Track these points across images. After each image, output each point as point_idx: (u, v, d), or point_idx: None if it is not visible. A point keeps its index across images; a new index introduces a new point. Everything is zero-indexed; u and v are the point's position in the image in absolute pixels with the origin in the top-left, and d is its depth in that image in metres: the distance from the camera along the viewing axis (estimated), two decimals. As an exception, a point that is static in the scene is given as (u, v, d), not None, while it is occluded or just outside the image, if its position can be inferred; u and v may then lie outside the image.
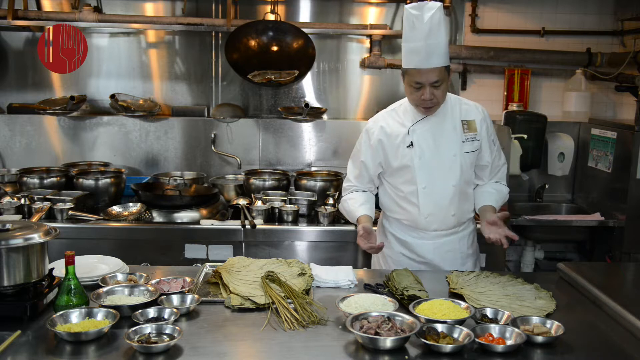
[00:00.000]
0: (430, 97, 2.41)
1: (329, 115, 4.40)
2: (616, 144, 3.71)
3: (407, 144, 2.54)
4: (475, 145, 2.58)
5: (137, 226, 3.38)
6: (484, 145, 2.61)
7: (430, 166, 2.54)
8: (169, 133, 4.31)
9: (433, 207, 2.57)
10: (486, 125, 2.61)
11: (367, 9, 4.33)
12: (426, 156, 2.54)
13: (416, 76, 2.39)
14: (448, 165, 2.55)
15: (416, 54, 2.37)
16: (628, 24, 4.20)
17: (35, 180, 3.71)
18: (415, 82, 2.40)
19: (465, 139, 2.56)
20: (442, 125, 2.56)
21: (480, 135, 2.59)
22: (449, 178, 2.56)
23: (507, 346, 1.76)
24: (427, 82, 2.38)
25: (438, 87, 2.41)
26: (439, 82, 2.39)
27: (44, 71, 4.27)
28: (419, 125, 2.55)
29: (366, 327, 1.82)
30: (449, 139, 2.55)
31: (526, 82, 4.31)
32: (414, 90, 2.43)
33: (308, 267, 2.38)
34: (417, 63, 2.37)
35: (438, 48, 2.36)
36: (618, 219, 3.67)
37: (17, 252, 1.93)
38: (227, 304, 2.09)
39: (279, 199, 3.61)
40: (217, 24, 4.13)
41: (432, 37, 2.34)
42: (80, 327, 1.80)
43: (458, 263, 2.69)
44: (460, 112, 2.59)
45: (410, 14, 2.37)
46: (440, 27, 2.36)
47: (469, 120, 2.58)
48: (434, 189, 2.56)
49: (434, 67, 2.36)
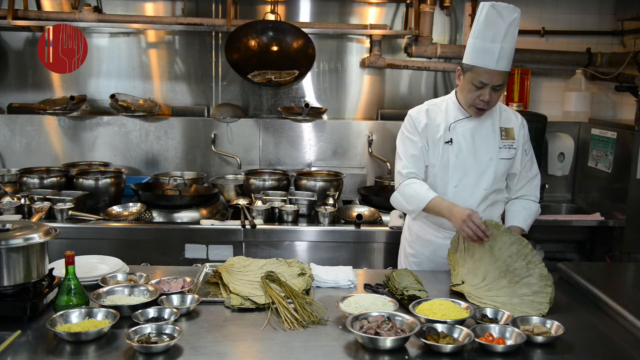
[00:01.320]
0: (488, 99, 2.41)
1: (329, 115, 4.40)
2: (616, 144, 3.71)
3: (447, 139, 2.53)
4: (511, 153, 2.57)
5: (137, 226, 3.38)
6: (518, 154, 2.60)
7: (465, 166, 2.53)
8: (169, 133, 4.31)
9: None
10: (523, 134, 2.61)
11: (367, 9, 4.33)
12: (463, 155, 2.53)
13: (482, 76, 2.39)
14: (483, 168, 2.54)
15: (489, 54, 2.36)
16: (628, 24, 4.20)
17: (35, 180, 3.71)
18: (480, 81, 2.39)
19: (502, 146, 2.55)
20: (482, 128, 2.55)
21: (517, 143, 2.58)
22: (482, 181, 2.54)
23: (507, 346, 1.76)
24: (491, 83, 2.39)
25: (497, 91, 2.42)
26: (501, 86, 2.41)
27: (44, 71, 4.27)
28: (460, 123, 2.54)
29: (366, 327, 1.82)
30: (487, 142, 2.55)
31: (526, 82, 4.31)
32: (474, 89, 2.42)
33: (308, 267, 2.38)
34: (489, 63, 2.37)
35: (509, 52, 2.39)
36: (618, 219, 3.67)
37: (17, 252, 1.93)
38: (227, 304, 2.09)
39: (279, 199, 3.61)
40: (217, 24, 4.13)
41: (508, 40, 2.36)
42: (80, 327, 1.81)
43: None
44: (501, 118, 2.59)
45: (493, 12, 2.37)
46: (516, 32, 2.39)
47: (507, 128, 2.58)
48: (464, 189, 2.54)
49: (502, 70, 2.38)
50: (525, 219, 2.61)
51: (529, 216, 2.63)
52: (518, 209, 2.63)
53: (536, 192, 2.68)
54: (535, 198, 2.68)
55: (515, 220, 2.61)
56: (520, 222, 2.60)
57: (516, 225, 2.59)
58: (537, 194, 2.68)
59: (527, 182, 2.67)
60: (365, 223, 3.43)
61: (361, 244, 3.35)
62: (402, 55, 4.35)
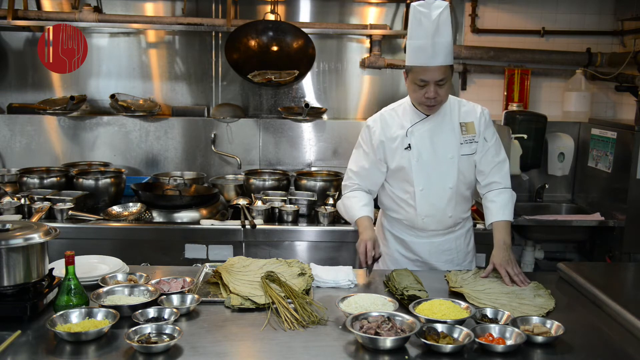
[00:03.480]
0: (434, 96, 2.41)
1: (329, 115, 4.40)
2: (616, 144, 3.71)
3: (405, 145, 2.54)
4: (473, 147, 2.56)
5: (137, 226, 3.38)
6: (483, 145, 2.58)
7: (428, 168, 2.54)
8: (169, 133, 4.31)
9: (430, 208, 2.58)
10: (483, 122, 2.57)
11: (367, 9, 4.33)
12: (423, 158, 2.54)
13: (421, 74, 2.39)
14: (445, 167, 2.55)
15: (422, 52, 2.37)
16: (628, 24, 4.20)
17: (35, 180, 3.71)
18: (420, 79, 2.40)
19: (464, 141, 2.55)
20: (440, 127, 2.55)
21: (479, 136, 2.57)
22: (446, 180, 2.55)
23: (507, 346, 1.76)
24: (432, 80, 2.39)
25: (442, 86, 2.41)
26: (443, 81, 2.40)
27: (44, 71, 4.27)
28: (417, 126, 2.55)
29: (366, 327, 1.82)
30: (446, 141, 2.55)
31: (526, 82, 4.31)
32: (417, 88, 2.43)
33: (308, 267, 2.38)
34: (424, 60, 2.37)
35: (444, 46, 2.37)
36: (618, 219, 3.67)
37: (17, 252, 1.93)
38: (227, 304, 2.09)
39: (279, 199, 3.61)
40: (217, 24, 4.13)
41: (439, 35, 2.36)
42: (80, 327, 1.80)
43: (454, 262, 2.70)
44: (459, 113, 2.58)
45: (418, 11, 2.38)
46: (447, 26, 2.38)
47: (467, 122, 2.57)
48: (430, 191, 2.55)
49: (439, 65, 2.37)
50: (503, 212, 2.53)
51: (507, 207, 2.54)
52: (495, 203, 2.55)
53: (507, 179, 2.61)
54: (507, 184, 2.60)
55: (498, 215, 2.53)
56: (505, 216, 2.52)
57: (501, 220, 2.52)
58: (508, 181, 2.61)
59: (495, 167, 2.58)
60: (365, 223, 3.42)
61: (361, 244, 3.35)
62: (402, 55, 4.35)
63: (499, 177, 2.59)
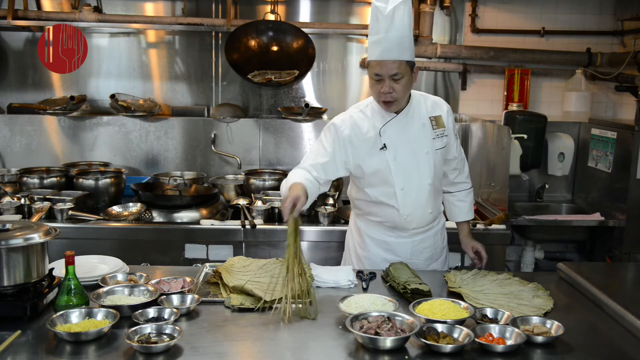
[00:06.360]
0: (388, 91, 2.39)
1: (329, 115, 4.40)
2: (616, 144, 3.71)
3: (380, 146, 2.51)
4: (444, 141, 2.58)
5: (137, 226, 3.37)
6: (451, 140, 2.63)
7: (406, 166, 2.52)
8: (169, 133, 4.31)
9: (412, 207, 2.56)
10: (452, 119, 2.63)
11: (367, 9, 4.32)
12: (400, 157, 2.52)
13: (376, 68, 2.39)
14: (422, 163, 2.54)
15: (377, 46, 2.37)
16: (628, 24, 4.20)
17: (35, 180, 3.71)
18: (375, 74, 2.39)
19: (435, 136, 2.56)
20: (411, 124, 2.54)
21: (448, 130, 2.59)
22: (425, 177, 2.55)
23: (507, 346, 1.76)
24: (386, 74, 2.37)
25: (398, 82, 2.38)
26: (398, 76, 2.37)
27: (44, 71, 4.27)
28: (389, 125, 2.52)
29: (366, 327, 1.82)
30: (420, 137, 2.54)
31: (526, 82, 4.31)
32: (374, 83, 2.42)
33: (308, 267, 2.38)
34: (377, 55, 2.37)
35: (399, 41, 2.35)
36: (618, 219, 3.67)
37: (17, 252, 1.93)
38: (227, 304, 2.09)
39: (279, 199, 3.61)
40: (217, 24, 4.13)
41: (394, 30, 2.34)
42: (80, 327, 1.81)
43: (433, 258, 2.72)
44: (427, 108, 2.58)
45: (375, 6, 2.38)
46: (404, 21, 2.36)
47: (436, 116, 2.58)
48: (411, 189, 2.54)
49: (393, 60, 2.35)
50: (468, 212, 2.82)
51: (470, 207, 2.83)
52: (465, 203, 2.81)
53: (468, 177, 2.81)
54: (468, 183, 2.82)
55: (468, 215, 2.82)
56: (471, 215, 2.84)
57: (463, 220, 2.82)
58: (469, 178, 2.82)
59: (460, 163, 2.74)
60: (365, 223, 3.42)
61: (361, 244, 3.34)
62: (402, 55, 4.35)
63: (465, 176, 2.80)
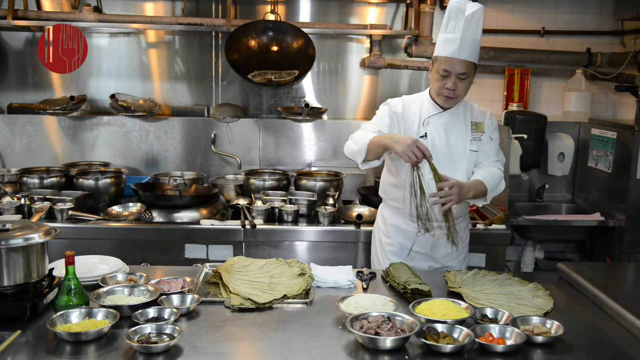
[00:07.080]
0: (453, 87, 2.54)
1: (329, 115, 4.40)
2: (616, 144, 3.71)
3: (422, 134, 2.63)
4: (478, 145, 2.70)
5: (137, 226, 3.37)
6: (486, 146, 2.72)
7: (439, 159, 2.57)
8: (169, 133, 4.31)
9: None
10: (492, 126, 2.74)
11: (367, 9, 4.32)
12: (437, 148, 2.61)
13: (445, 64, 2.53)
14: (456, 160, 2.66)
15: (450, 43, 2.52)
16: (628, 24, 4.20)
17: (35, 180, 3.71)
18: (444, 69, 2.53)
19: (473, 139, 2.68)
20: (455, 122, 2.68)
21: (485, 136, 2.71)
22: (455, 173, 2.60)
23: (507, 346, 1.76)
24: (454, 71, 2.52)
25: (463, 80, 2.55)
26: (464, 75, 2.53)
27: (44, 71, 4.27)
28: (433, 118, 2.66)
29: (366, 327, 1.82)
30: (459, 136, 2.67)
31: (526, 82, 4.31)
32: (440, 78, 2.56)
33: (308, 267, 2.38)
34: (451, 52, 2.52)
35: (473, 43, 2.53)
36: (618, 219, 3.67)
37: (17, 252, 1.93)
38: (227, 304, 2.09)
39: (279, 199, 3.61)
40: (217, 24, 4.13)
41: (470, 31, 2.50)
42: (80, 327, 1.80)
43: (453, 255, 2.76)
44: (472, 113, 2.72)
45: (455, 6, 2.54)
46: (478, 26, 2.52)
47: (477, 122, 2.71)
48: None
49: (464, 59, 2.51)
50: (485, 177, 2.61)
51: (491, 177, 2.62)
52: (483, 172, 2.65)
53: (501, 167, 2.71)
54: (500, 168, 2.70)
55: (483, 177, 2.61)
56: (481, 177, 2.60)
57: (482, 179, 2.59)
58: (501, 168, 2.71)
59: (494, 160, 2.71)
60: (365, 223, 3.42)
61: (361, 244, 3.35)
62: (402, 55, 4.35)
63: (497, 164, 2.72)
